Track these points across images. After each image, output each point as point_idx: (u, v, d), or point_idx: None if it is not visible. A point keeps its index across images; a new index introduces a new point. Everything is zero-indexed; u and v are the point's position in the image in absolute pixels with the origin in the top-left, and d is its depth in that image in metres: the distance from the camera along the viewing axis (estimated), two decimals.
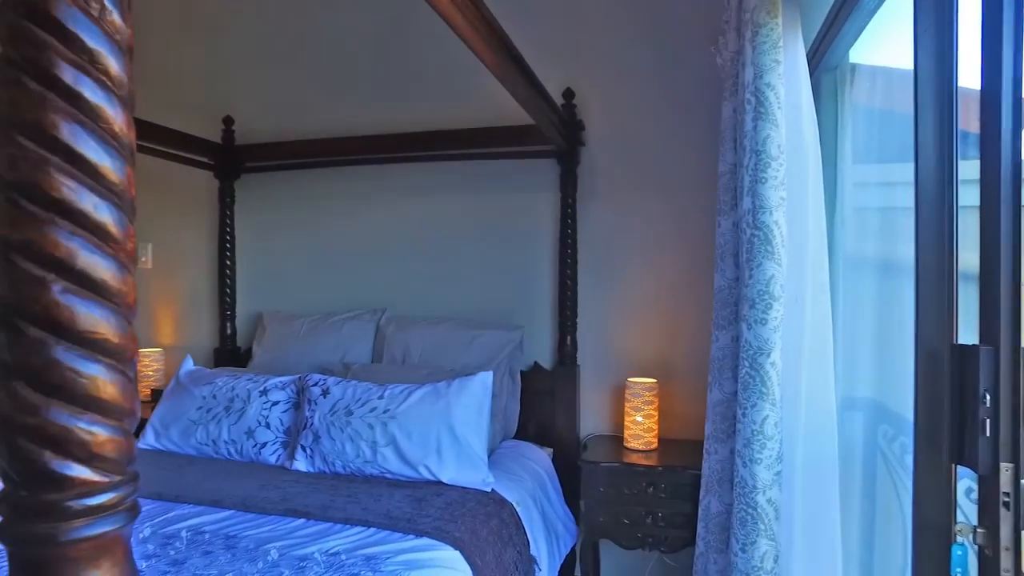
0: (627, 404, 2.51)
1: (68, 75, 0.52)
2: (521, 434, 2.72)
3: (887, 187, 1.70)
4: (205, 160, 3.09)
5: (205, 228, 3.31)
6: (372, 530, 1.76)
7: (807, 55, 1.70)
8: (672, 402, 2.64)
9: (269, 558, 1.59)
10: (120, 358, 0.56)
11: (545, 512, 2.35)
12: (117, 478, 0.56)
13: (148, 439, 2.50)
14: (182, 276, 3.38)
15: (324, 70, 3.13)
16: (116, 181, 0.55)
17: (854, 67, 1.79)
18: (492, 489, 2.10)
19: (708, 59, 2.49)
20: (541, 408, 2.76)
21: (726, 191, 1.95)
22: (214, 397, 2.43)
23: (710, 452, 2.01)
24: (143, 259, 3.46)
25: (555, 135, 2.47)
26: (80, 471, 0.54)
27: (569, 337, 2.70)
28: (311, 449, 2.20)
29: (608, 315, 2.76)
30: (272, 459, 2.31)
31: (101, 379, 0.54)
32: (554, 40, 2.77)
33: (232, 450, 2.35)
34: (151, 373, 3.23)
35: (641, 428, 2.46)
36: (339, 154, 2.95)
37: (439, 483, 2.09)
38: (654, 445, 2.47)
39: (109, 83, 0.55)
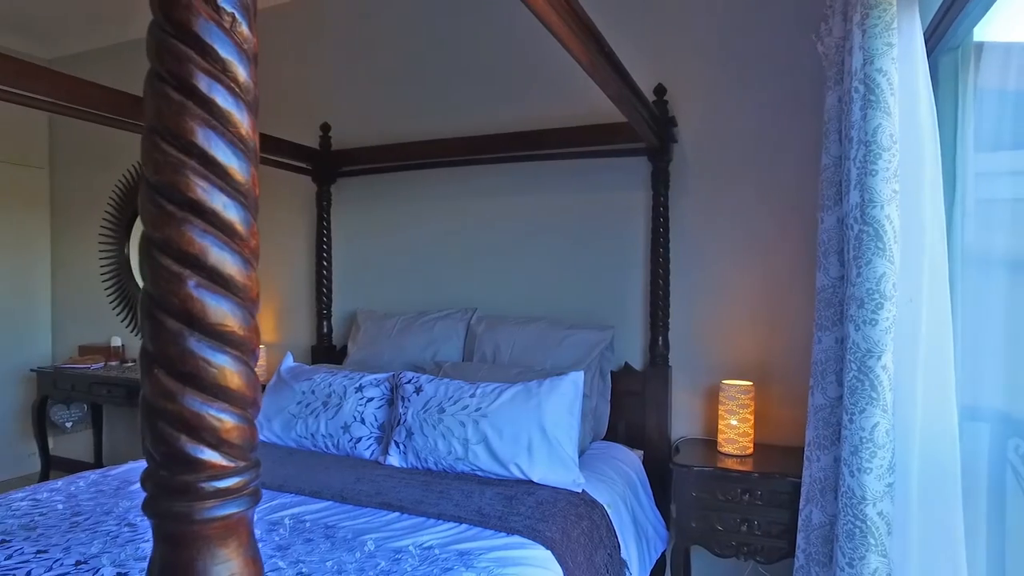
0: (721, 407, 2.43)
1: (203, 84, 0.56)
2: (611, 435, 2.69)
3: (1021, 176, 1.55)
4: (304, 165, 3.24)
5: (303, 231, 3.48)
6: (464, 526, 1.79)
7: (924, 35, 1.58)
8: (769, 406, 2.54)
9: (366, 549, 1.64)
10: (244, 350, 0.59)
11: (636, 515, 2.31)
12: (242, 464, 0.59)
13: None
14: (282, 277, 3.56)
15: (416, 74, 3.21)
16: (242, 181, 0.58)
17: (980, 45, 1.65)
18: (583, 490, 2.09)
19: (807, 48, 2.38)
20: (631, 409, 2.72)
21: (830, 185, 1.85)
22: (312, 392, 2.54)
23: (811, 459, 1.92)
24: None
25: (646, 132, 2.42)
26: (211, 455, 0.57)
27: (661, 337, 2.64)
28: (404, 445, 2.26)
29: (701, 315, 2.68)
30: (367, 453, 2.38)
31: (228, 369, 0.57)
32: (645, 35, 2.73)
33: (329, 444, 2.45)
34: (256, 370, 3.41)
35: (736, 432, 2.38)
36: (430, 157, 3.02)
37: (529, 482, 2.10)
38: (749, 450, 2.38)
39: (238, 90, 0.58)
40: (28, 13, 4.02)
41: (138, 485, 1.99)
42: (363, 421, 2.41)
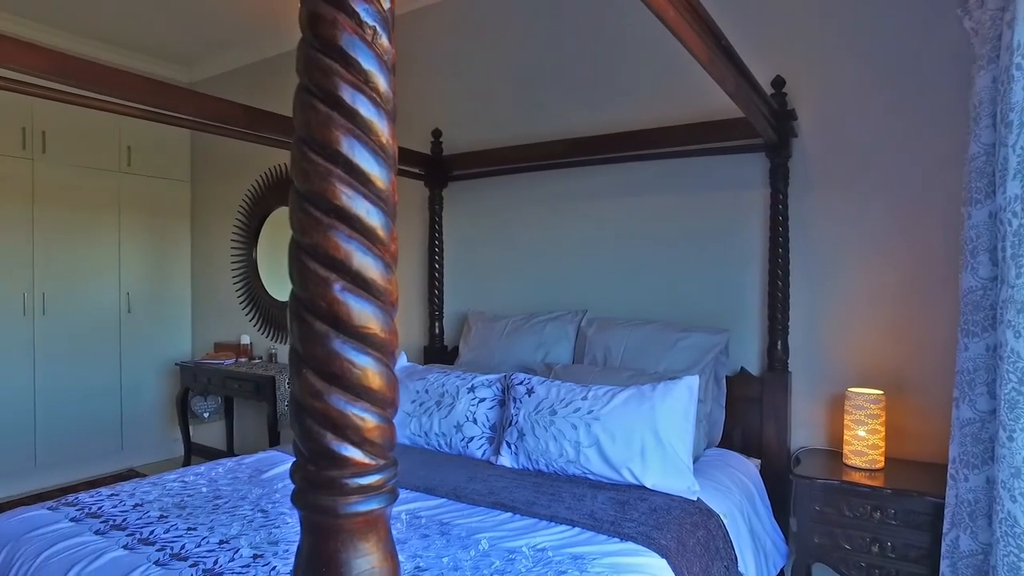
0: (847, 417, 2.28)
1: (347, 95, 0.58)
2: (726, 442, 2.59)
3: None
4: (417, 171, 3.35)
5: (416, 234, 3.59)
6: (577, 530, 1.78)
7: None
8: (902, 417, 2.35)
9: (480, 547, 1.67)
10: (385, 351, 0.61)
11: (753, 527, 2.21)
12: (382, 462, 0.61)
13: None
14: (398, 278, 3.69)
15: (523, 78, 3.23)
16: (383, 188, 0.60)
17: None
18: (698, 498, 2.02)
19: (946, 25, 2.20)
20: (747, 416, 2.60)
21: (979, 176, 1.68)
22: (426, 392, 2.61)
23: (957, 479, 1.75)
24: None
25: (764, 127, 2.31)
26: (354, 453, 0.59)
27: (780, 342, 2.51)
28: (516, 446, 2.27)
29: (824, 319, 2.52)
30: (478, 453, 2.42)
31: (371, 370, 0.59)
32: (761, 24, 2.61)
33: (442, 442, 2.51)
34: None
35: (864, 444, 2.22)
36: (539, 159, 3.03)
37: (642, 488, 2.05)
38: (880, 464, 2.21)
39: (379, 100, 0.60)
40: (170, 42, 4.42)
41: (269, 473, 2.13)
42: (475, 421, 2.45)
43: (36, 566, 1.59)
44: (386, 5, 0.62)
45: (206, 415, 4.56)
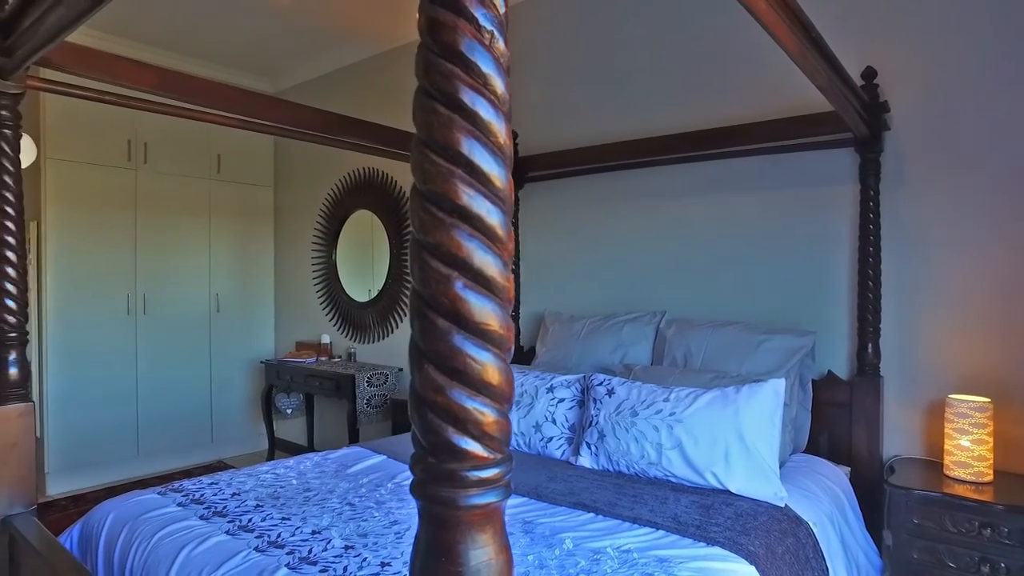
0: (948, 425, 2.16)
1: (468, 97, 0.60)
2: (811, 448, 2.50)
3: None
4: None
5: None
6: (661, 532, 1.75)
7: None
8: (1014, 427, 2.20)
9: (564, 547, 1.67)
10: (503, 348, 0.62)
11: (844, 538, 2.12)
12: (499, 456, 0.63)
13: None
14: None
15: (600, 77, 3.22)
16: (502, 188, 0.61)
17: None
18: (785, 504, 1.96)
19: None
20: (835, 421, 2.50)
21: None
22: None
23: None
24: None
25: (855, 121, 2.22)
26: (474, 446, 0.61)
27: (871, 344, 2.40)
28: (596, 447, 2.27)
29: (920, 321, 2.40)
30: (557, 453, 2.43)
31: (490, 366, 0.61)
32: (851, 14, 2.50)
33: (521, 442, 2.53)
34: None
35: (969, 455, 2.09)
36: (617, 158, 3.01)
37: (726, 492, 2.01)
38: (988, 477, 2.08)
39: (497, 101, 0.61)
40: (257, 56, 4.63)
41: (353, 468, 2.20)
42: (554, 421, 2.45)
43: (152, 545, 1.70)
44: (502, 9, 0.63)
45: (289, 411, 4.75)
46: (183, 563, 1.61)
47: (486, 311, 0.60)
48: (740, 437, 2.01)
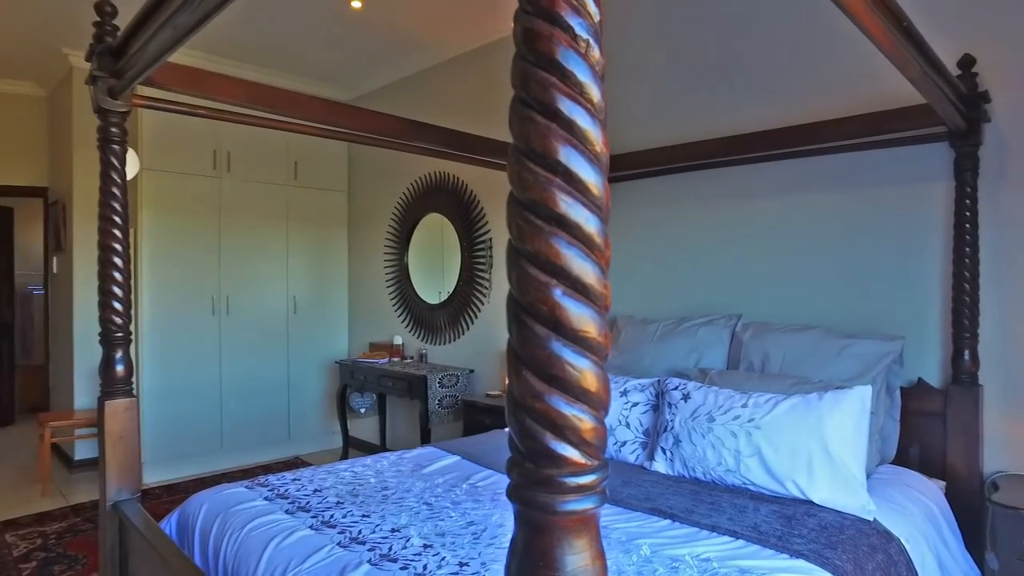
0: None
1: (565, 107, 0.60)
2: (900, 460, 2.38)
3: None
4: None
5: None
6: (741, 542, 1.71)
7: None
8: None
9: (641, 553, 1.65)
10: (600, 355, 0.62)
11: (941, 558, 2.01)
12: (596, 463, 0.63)
13: None
14: None
15: (676, 76, 3.17)
16: (599, 195, 0.62)
17: None
18: (874, 519, 1.87)
19: None
20: (926, 432, 2.38)
21: None
22: None
23: None
24: None
25: (951, 113, 2.10)
26: (572, 453, 0.61)
27: (967, 351, 2.27)
28: (671, 452, 2.23)
29: None
30: (631, 458, 2.40)
31: (588, 373, 0.61)
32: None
33: None
34: None
35: None
36: (698, 158, 2.95)
37: (809, 503, 1.94)
38: None
39: (593, 109, 0.61)
40: (332, 66, 4.79)
41: (429, 469, 2.24)
42: (628, 425, 2.43)
43: (243, 536, 1.79)
44: (596, 17, 0.63)
45: (362, 410, 4.89)
46: (272, 555, 1.68)
47: (584, 318, 0.60)
48: (823, 446, 1.93)
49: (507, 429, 2.32)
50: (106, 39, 1.99)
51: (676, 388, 2.31)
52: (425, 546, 1.68)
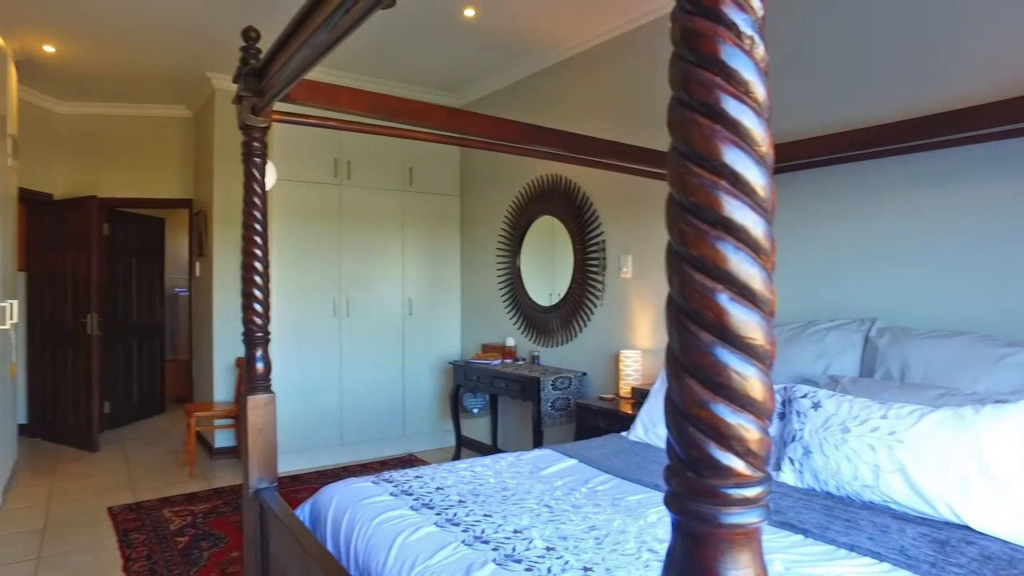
0: None
1: (731, 107, 0.58)
2: None
3: None
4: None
5: None
6: (886, 565, 1.59)
7: None
8: None
9: (774, 569, 1.57)
10: (767, 362, 0.60)
11: None
12: (762, 475, 0.60)
13: (637, 432, 2.77)
14: (658, 283, 3.68)
15: (814, 62, 3.01)
16: (765, 197, 0.59)
17: None
18: None
19: None
20: None
21: None
22: None
23: None
24: (624, 270, 3.89)
25: None
26: (737, 463, 0.59)
27: None
28: (800, 463, 2.12)
29: None
30: None
31: (755, 381, 0.59)
32: None
33: None
34: (631, 373, 3.59)
35: None
36: (826, 152, 2.78)
37: (965, 528, 1.77)
38: None
39: (758, 108, 0.59)
40: (443, 74, 4.93)
41: (547, 471, 2.24)
42: None
43: (372, 529, 1.87)
44: (760, 12, 0.61)
45: (475, 411, 4.99)
46: (400, 549, 1.75)
47: (751, 324, 0.58)
48: (983, 465, 1.76)
49: (625, 433, 2.33)
50: (250, 61, 2.15)
51: (805, 396, 2.19)
52: (548, 548, 1.69)
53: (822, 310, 2.86)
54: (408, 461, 5.03)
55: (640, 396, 3.41)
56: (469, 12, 3.90)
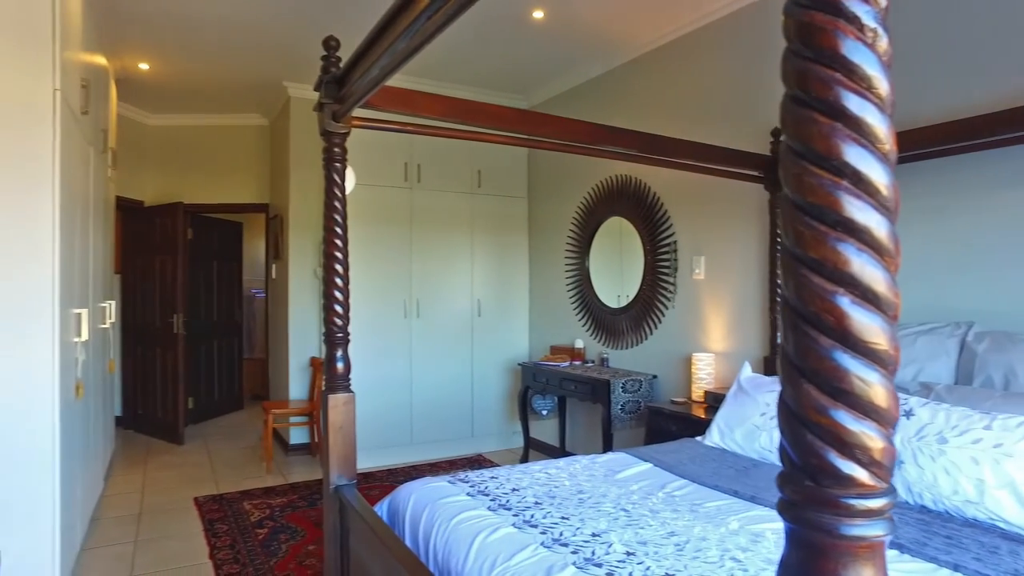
0: None
1: (853, 104, 0.56)
2: None
3: None
4: (755, 173, 3.21)
5: (754, 239, 3.44)
6: None
7: None
8: None
9: None
10: (891, 368, 0.57)
11: None
12: (886, 486, 0.58)
13: (713, 438, 2.71)
14: (732, 285, 3.59)
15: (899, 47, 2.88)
16: (889, 197, 0.57)
17: None
18: None
19: None
20: None
21: None
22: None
23: None
24: (696, 271, 3.81)
25: None
26: (860, 473, 0.57)
27: None
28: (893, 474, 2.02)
29: None
30: None
31: (879, 387, 0.56)
32: None
33: None
34: (704, 376, 3.52)
35: None
36: (913, 148, 2.65)
37: None
38: None
39: (882, 104, 0.57)
40: (512, 77, 4.96)
41: (622, 475, 2.22)
42: None
43: (451, 528, 1.90)
44: (884, 3, 0.58)
45: (544, 412, 4.99)
46: (479, 548, 1.76)
47: (874, 329, 0.56)
48: None
49: (700, 438, 2.28)
50: (331, 70, 2.22)
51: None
52: (628, 553, 1.67)
53: (912, 313, 2.72)
54: (476, 461, 5.07)
55: (714, 400, 3.34)
56: (538, 14, 3.91)
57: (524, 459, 4.89)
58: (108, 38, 4.22)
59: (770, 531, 1.81)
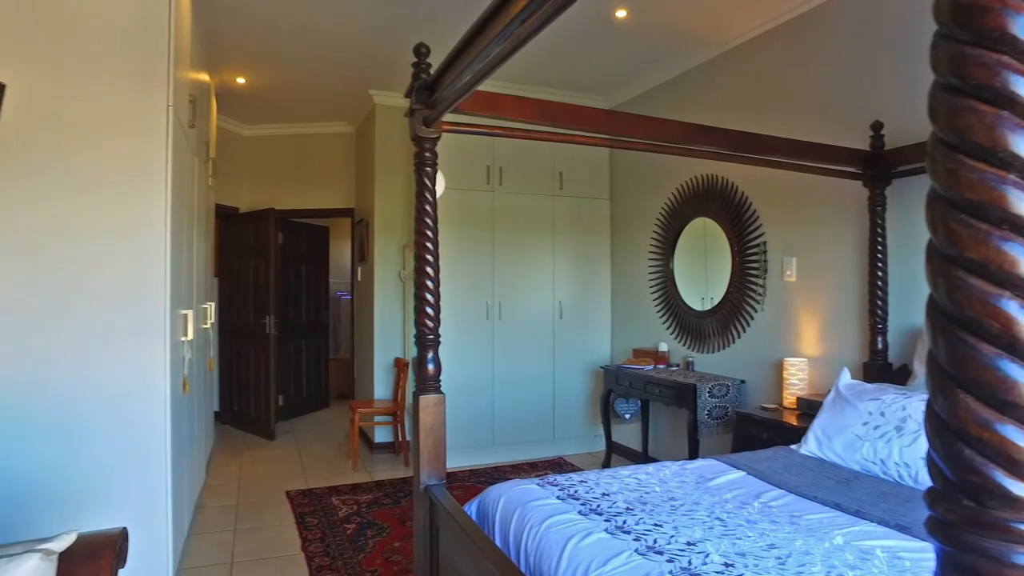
0: None
1: (1022, 89, 0.52)
2: None
3: None
4: (853, 170, 3.05)
5: (851, 238, 3.27)
6: None
7: None
8: None
9: None
10: None
11: None
12: None
13: (810, 446, 2.59)
14: (826, 288, 3.43)
15: None
16: None
17: None
18: None
19: None
20: None
21: None
22: (882, 414, 2.34)
23: None
24: (787, 273, 3.66)
25: None
26: None
27: None
28: None
29: None
30: None
31: None
32: None
33: (904, 473, 2.21)
34: (796, 382, 3.37)
35: None
36: None
37: None
38: None
39: None
40: (594, 78, 4.92)
41: (715, 482, 2.14)
42: None
43: (542, 531, 1.89)
44: None
45: (627, 416, 4.92)
46: (572, 553, 1.75)
47: None
48: None
49: (795, 447, 2.16)
50: (422, 76, 2.27)
51: None
52: (726, 564, 1.62)
53: None
54: (558, 464, 5.06)
55: (807, 407, 3.19)
56: (621, 13, 3.87)
57: (606, 463, 4.83)
58: (211, 55, 4.48)
59: (879, 548, 1.71)
